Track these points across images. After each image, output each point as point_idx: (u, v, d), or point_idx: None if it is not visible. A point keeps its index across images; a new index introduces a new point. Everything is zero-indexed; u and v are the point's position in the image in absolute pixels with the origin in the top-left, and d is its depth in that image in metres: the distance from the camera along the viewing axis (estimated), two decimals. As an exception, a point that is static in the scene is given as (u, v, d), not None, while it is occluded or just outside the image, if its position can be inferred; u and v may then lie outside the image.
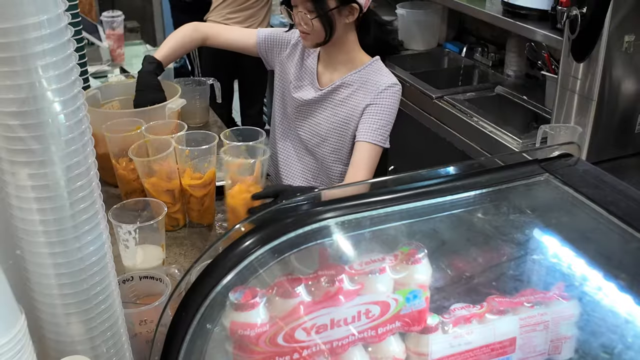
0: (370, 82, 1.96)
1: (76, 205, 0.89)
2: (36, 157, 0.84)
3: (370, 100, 1.93)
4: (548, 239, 0.98)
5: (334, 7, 1.84)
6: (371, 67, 1.98)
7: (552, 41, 2.58)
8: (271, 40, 2.15)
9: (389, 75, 1.98)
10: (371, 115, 1.93)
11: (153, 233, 1.50)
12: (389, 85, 1.94)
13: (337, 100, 2.00)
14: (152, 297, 1.33)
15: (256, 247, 0.84)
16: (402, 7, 3.68)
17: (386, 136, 1.94)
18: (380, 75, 1.96)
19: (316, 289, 0.83)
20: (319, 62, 2.06)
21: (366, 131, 1.92)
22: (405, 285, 0.87)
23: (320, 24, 1.86)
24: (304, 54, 2.10)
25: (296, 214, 0.87)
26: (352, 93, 1.98)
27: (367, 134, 1.91)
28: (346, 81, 1.99)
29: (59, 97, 0.82)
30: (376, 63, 2.00)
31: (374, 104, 1.92)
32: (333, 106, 2.01)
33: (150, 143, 1.78)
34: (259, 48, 2.17)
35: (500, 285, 0.95)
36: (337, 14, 1.86)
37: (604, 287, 0.88)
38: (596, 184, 0.92)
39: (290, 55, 2.12)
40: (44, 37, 0.78)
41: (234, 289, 0.81)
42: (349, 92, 1.98)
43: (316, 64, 2.07)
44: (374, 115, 1.92)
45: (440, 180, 0.94)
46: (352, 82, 1.98)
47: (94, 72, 2.93)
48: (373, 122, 1.92)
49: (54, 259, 0.91)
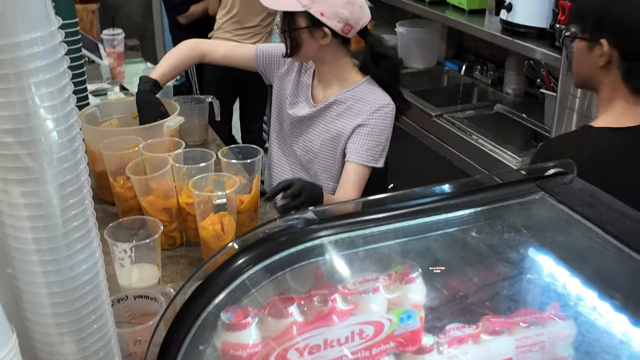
0: (362, 101, 1.96)
1: (69, 223, 0.88)
2: (29, 174, 0.83)
3: (362, 120, 1.94)
4: (543, 258, 0.97)
5: (302, 26, 1.89)
6: (364, 86, 1.99)
7: (551, 59, 2.59)
8: (269, 55, 2.17)
9: (382, 94, 1.98)
10: (362, 136, 1.93)
11: (149, 252, 1.50)
12: (382, 105, 1.95)
13: (330, 117, 2.01)
14: (147, 317, 1.32)
15: (249, 266, 0.83)
16: (401, 26, 3.70)
17: (377, 156, 1.93)
18: (373, 95, 1.97)
19: (309, 308, 0.82)
20: (314, 79, 2.08)
21: (355, 151, 1.93)
22: (399, 305, 0.86)
23: (285, 38, 1.94)
24: (300, 70, 2.12)
25: (289, 232, 0.87)
26: (344, 111, 1.99)
27: (355, 154, 1.92)
28: (339, 98, 2.00)
29: (52, 115, 0.82)
30: (369, 81, 2.01)
31: (365, 124, 1.93)
32: (325, 123, 2.02)
33: (147, 161, 1.78)
34: (257, 64, 2.19)
35: (495, 305, 0.94)
36: (308, 35, 1.91)
37: (599, 307, 0.87)
38: (592, 202, 0.91)
39: (287, 72, 2.14)
40: (37, 54, 0.78)
41: (226, 308, 0.81)
42: (341, 110, 1.99)
43: (311, 80, 2.09)
44: (364, 136, 1.93)
45: (435, 198, 0.93)
46: (345, 100, 1.99)
47: (94, 89, 2.94)
48: (363, 143, 1.92)
49: (46, 277, 0.90)
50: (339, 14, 1.87)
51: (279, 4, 1.92)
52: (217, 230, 1.61)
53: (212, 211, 1.63)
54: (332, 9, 1.86)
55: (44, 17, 0.79)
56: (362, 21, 1.92)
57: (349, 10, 1.87)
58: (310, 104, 2.06)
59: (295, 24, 1.90)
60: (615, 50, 1.49)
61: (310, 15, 1.86)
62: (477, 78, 3.51)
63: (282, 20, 1.93)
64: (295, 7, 1.87)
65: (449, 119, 2.97)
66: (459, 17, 3.21)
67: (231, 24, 3.75)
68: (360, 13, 1.91)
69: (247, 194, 1.76)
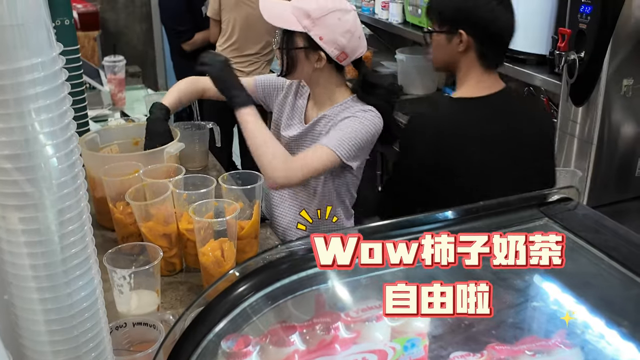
0: (347, 111, 1.97)
1: (67, 249, 0.87)
2: (28, 200, 0.82)
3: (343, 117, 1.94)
4: (548, 285, 0.96)
5: (299, 47, 1.92)
6: (352, 101, 2.00)
7: (551, 85, 2.59)
8: (268, 85, 2.21)
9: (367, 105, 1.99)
10: (338, 128, 1.91)
11: (148, 278, 1.48)
12: (366, 109, 1.95)
13: (318, 132, 2.02)
14: (147, 344, 1.30)
15: (250, 294, 0.82)
16: (401, 53, 3.72)
17: (349, 151, 1.87)
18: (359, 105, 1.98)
19: (311, 337, 0.80)
20: (309, 101, 2.11)
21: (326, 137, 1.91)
22: (403, 333, 0.85)
23: (281, 56, 1.96)
24: (296, 94, 2.14)
25: (291, 259, 0.86)
26: (327, 123, 2.00)
27: (325, 139, 1.90)
28: (328, 114, 2.01)
29: (51, 141, 0.81)
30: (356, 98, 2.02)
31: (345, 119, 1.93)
32: (314, 138, 2.03)
33: (147, 187, 1.77)
34: (257, 95, 2.21)
35: (501, 334, 0.93)
36: (304, 56, 1.93)
37: (606, 334, 0.86)
38: (597, 228, 0.90)
39: (285, 97, 2.17)
40: (38, 80, 0.77)
41: (227, 337, 0.79)
42: (329, 124, 1.99)
43: (306, 101, 2.11)
44: (341, 128, 1.91)
45: (438, 224, 0.92)
46: (332, 115, 2.00)
47: (95, 116, 2.94)
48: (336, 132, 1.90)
49: (43, 304, 0.89)
50: (337, 41, 1.88)
51: (281, 21, 1.93)
52: (217, 256, 1.60)
53: (213, 237, 1.62)
54: (331, 35, 1.87)
55: (45, 43, 0.79)
56: (358, 51, 1.94)
57: (347, 39, 1.89)
58: (302, 123, 2.09)
59: (294, 43, 1.92)
60: (472, 38, 1.82)
61: (308, 37, 1.89)
62: (477, 104, 3.51)
63: (281, 37, 1.95)
64: (296, 26, 1.89)
65: (449, 144, 2.96)
66: (459, 43, 3.21)
67: (230, 52, 3.77)
68: (357, 43, 1.92)
69: (248, 220, 1.75)
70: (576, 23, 2.22)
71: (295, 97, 2.14)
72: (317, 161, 1.86)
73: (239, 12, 3.73)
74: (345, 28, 1.88)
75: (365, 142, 1.92)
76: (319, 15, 1.87)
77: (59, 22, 2.17)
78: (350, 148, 1.88)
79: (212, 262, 1.60)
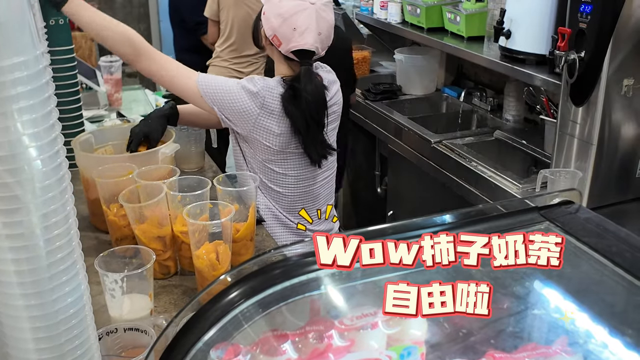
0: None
1: (53, 254, 0.85)
2: (11, 204, 0.80)
3: None
4: (550, 292, 0.93)
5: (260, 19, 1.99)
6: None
7: (551, 85, 2.57)
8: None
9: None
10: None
11: (141, 282, 1.45)
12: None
13: None
14: (138, 350, 1.28)
15: (241, 300, 0.79)
16: (400, 53, 3.69)
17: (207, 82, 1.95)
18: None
19: (303, 345, 0.78)
20: None
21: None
22: (399, 341, 0.82)
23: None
24: None
25: (285, 265, 0.83)
26: None
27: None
28: None
29: (35, 142, 0.79)
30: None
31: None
32: None
33: (141, 188, 1.74)
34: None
35: (500, 343, 0.90)
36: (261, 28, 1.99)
37: (609, 343, 0.83)
38: (599, 232, 0.88)
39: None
40: (20, 79, 0.75)
41: (216, 345, 0.77)
42: None
43: None
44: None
45: (437, 228, 0.90)
46: None
47: (91, 116, 2.92)
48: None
49: (29, 311, 0.87)
50: (270, 21, 1.92)
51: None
52: (211, 259, 1.57)
53: (207, 240, 1.59)
54: (268, 13, 1.93)
55: (28, 42, 0.76)
56: (292, 43, 1.91)
57: (278, 23, 1.90)
58: None
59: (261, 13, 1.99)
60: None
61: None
62: (477, 104, 3.49)
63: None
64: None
65: (448, 145, 2.94)
66: (458, 44, 3.20)
67: (228, 53, 3.74)
68: (290, 34, 1.90)
69: (243, 222, 1.72)
70: (576, 22, 2.19)
71: None
72: (179, 77, 1.96)
73: (237, 12, 3.70)
74: (278, 11, 1.91)
75: (227, 89, 1.95)
76: None
77: (53, 22, 2.15)
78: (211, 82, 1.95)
79: (207, 265, 1.57)
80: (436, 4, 3.41)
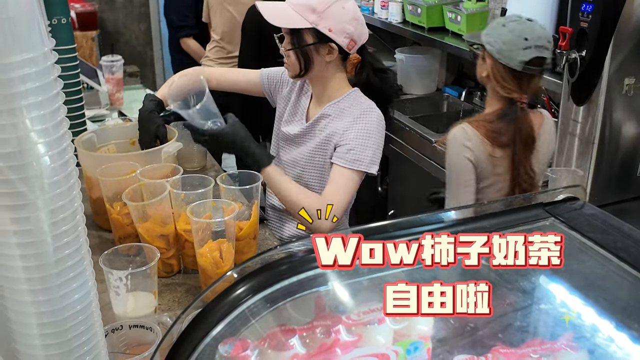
0: (347, 111, 1.96)
1: (61, 251, 0.85)
2: (19, 200, 0.80)
3: (348, 125, 1.93)
4: (556, 287, 0.94)
5: (310, 43, 1.89)
6: (349, 97, 1.98)
7: (552, 84, 2.57)
8: (273, 78, 2.18)
9: (365, 101, 1.98)
10: (347, 140, 1.91)
11: (145, 279, 1.46)
12: (367, 109, 1.94)
13: (317, 131, 2.00)
14: (143, 347, 1.28)
15: (248, 296, 0.79)
16: (401, 52, 3.70)
17: (366, 161, 1.89)
18: (359, 101, 1.97)
19: (311, 340, 0.78)
20: (311, 100, 2.08)
21: (339, 154, 1.91)
22: (405, 336, 0.83)
23: (296, 57, 1.92)
24: (300, 92, 2.12)
25: (290, 261, 0.83)
26: (329, 123, 1.97)
27: (339, 157, 1.90)
28: (325, 112, 1.99)
29: (43, 138, 0.79)
30: (354, 93, 2.00)
31: (351, 128, 1.92)
32: (312, 136, 2.01)
33: (145, 187, 1.74)
34: (262, 87, 2.20)
35: (507, 337, 0.91)
36: (315, 51, 1.90)
37: (615, 338, 0.84)
38: (604, 228, 0.88)
39: (289, 92, 2.15)
40: (29, 75, 0.75)
41: (224, 340, 0.77)
42: (326, 123, 1.98)
43: (309, 100, 2.09)
44: (350, 140, 1.90)
45: (441, 224, 0.90)
46: (330, 113, 1.98)
47: (92, 115, 2.92)
48: (348, 147, 1.90)
49: (36, 307, 0.87)
50: (345, 29, 1.88)
51: (285, 21, 1.90)
52: (215, 257, 1.58)
53: (211, 238, 1.60)
54: (339, 25, 1.87)
55: (37, 38, 0.77)
56: (363, 37, 1.94)
57: (354, 26, 1.89)
58: (302, 121, 2.07)
59: (303, 40, 1.89)
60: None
61: (316, 31, 1.87)
62: (477, 104, 3.49)
63: (289, 38, 1.92)
64: (303, 23, 1.87)
65: (449, 144, 2.94)
66: (459, 43, 3.20)
67: (215, 52, 3.75)
68: (362, 29, 1.93)
69: (246, 220, 1.72)
70: (577, 22, 2.20)
71: (299, 94, 2.12)
72: (346, 190, 1.89)
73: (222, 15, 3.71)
74: (350, 16, 1.88)
75: (375, 145, 1.92)
76: (324, 7, 1.86)
77: (55, 21, 2.15)
78: (362, 157, 1.89)
79: (210, 263, 1.57)
80: (437, 3, 3.41)
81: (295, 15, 1.87)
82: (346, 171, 1.88)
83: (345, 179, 1.89)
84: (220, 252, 1.58)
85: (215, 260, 1.57)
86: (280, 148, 2.14)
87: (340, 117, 1.95)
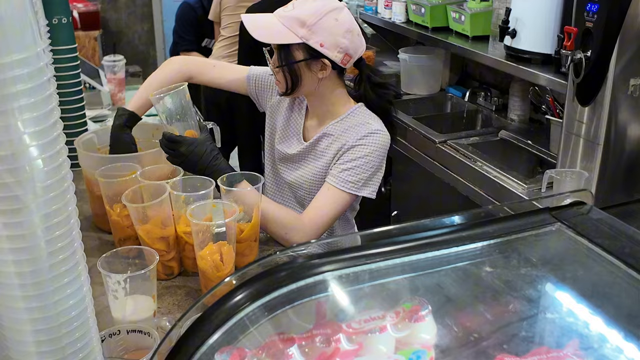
0: (350, 131, 1.86)
1: (55, 255, 0.83)
2: (12, 204, 0.78)
3: (350, 145, 1.83)
4: (563, 295, 0.91)
5: (300, 59, 1.78)
6: (353, 115, 1.89)
7: (556, 85, 2.55)
8: (262, 81, 2.07)
9: (374, 121, 1.87)
10: (345, 161, 1.82)
11: (144, 283, 1.44)
12: (372, 131, 1.83)
13: (319, 151, 1.91)
14: (141, 352, 1.27)
15: (246, 303, 0.78)
16: (404, 52, 3.67)
17: (359, 184, 1.81)
18: (363, 121, 1.87)
19: (310, 349, 0.76)
20: (307, 116, 1.98)
21: (334, 174, 1.82)
22: (408, 345, 0.81)
23: (283, 74, 1.81)
24: (292, 106, 2.01)
25: (290, 267, 0.81)
26: (331, 143, 1.88)
27: (333, 177, 1.81)
28: (327, 131, 1.90)
29: (36, 141, 0.77)
30: (359, 109, 1.90)
31: (352, 149, 1.82)
32: (315, 158, 1.92)
33: (145, 188, 1.72)
34: (248, 88, 2.08)
35: (511, 347, 0.88)
36: (306, 68, 1.80)
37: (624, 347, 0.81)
38: (612, 234, 0.86)
39: (279, 103, 2.04)
40: (21, 77, 0.73)
41: (221, 349, 0.75)
42: (329, 142, 1.89)
43: (304, 117, 1.98)
44: (348, 161, 1.81)
45: (445, 230, 0.88)
46: (333, 132, 1.89)
47: (94, 116, 2.91)
48: (344, 168, 1.80)
49: (30, 313, 0.85)
50: (339, 43, 1.76)
51: (274, 37, 1.78)
52: (215, 260, 1.56)
53: (211, 240, 1.58)
54: (332, 39, 1.75)
55: (29, 39, 0.75)
56: (359, 50, 1.83)
57: (349, 39, 1.77)
58: (300, 142, 1.96)
59: (293, 57, 1.78)
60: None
61: (307, 47, 1.76)
62: (481, 104, 3.47)
63: (276, 53, 1.81)
64: (292, 39, 1.75)
65: (453, 145, 2.92)
66: (463, 43, 3.18)
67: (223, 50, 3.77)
68: (358, 42, 1.81)
69: (247, 222, 1.71)
70: (582, 21, 2.17)
71: (290, 109, 2.01)
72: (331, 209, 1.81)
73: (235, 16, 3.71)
74: (344, 28, 1.76)
75: (375, 170, 1.84)
76: (315, 20, 1.74)
77: (56, 21, 2.14)
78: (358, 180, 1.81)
79: (211, 266, 1.55)
80: (441, 3, 3.39)
81: (283, 29, 1.76)
82: (336, 191, 1.80)
83: (332, 199, 1.80)
84: (221, 254, 1.56)
85: (215, 263, 1.55)
86: (278, 167, 2.05)
87: (344, 137, 1.86)
